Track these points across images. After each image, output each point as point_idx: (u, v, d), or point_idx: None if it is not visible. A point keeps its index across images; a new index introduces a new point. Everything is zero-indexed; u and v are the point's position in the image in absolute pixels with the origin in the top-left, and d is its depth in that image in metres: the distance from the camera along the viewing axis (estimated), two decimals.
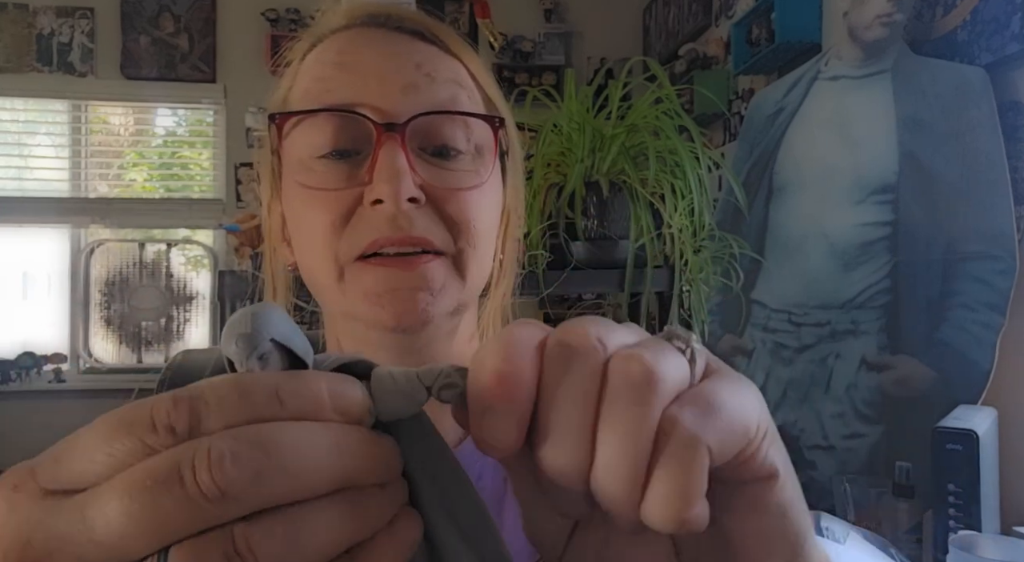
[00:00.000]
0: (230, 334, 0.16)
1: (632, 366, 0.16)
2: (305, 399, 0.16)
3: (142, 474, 0.14)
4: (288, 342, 0.17)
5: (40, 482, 0.16)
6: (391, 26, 0.39)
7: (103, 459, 0.15)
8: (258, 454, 0.14)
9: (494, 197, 0.40)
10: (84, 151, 2.74)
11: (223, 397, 0.15)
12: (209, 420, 0.15)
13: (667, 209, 0.99)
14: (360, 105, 0.36)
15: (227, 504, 0.14)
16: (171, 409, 0.15)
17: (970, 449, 0.87)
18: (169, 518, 0.14)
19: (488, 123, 0.38)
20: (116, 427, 0.15)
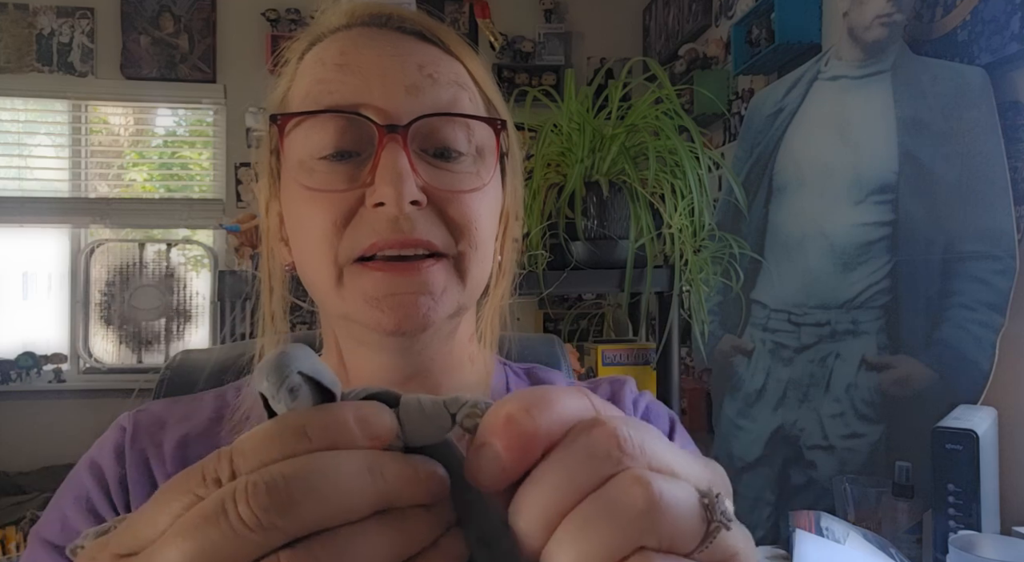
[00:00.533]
0: (261, 370, 0.18)
1: (639, 491, 0.16)
2: (332, 430, 0.17)
3: (192, 516, 0.16)
4: (316, 374, 0.18)
5: (112, 549, 0.17)
6: (392, 26, 0.39)
7: (166, 519, 0.17)
8: (289, 482, 0.16)
9: (495, 199, 0.40)
10: (84, 151, 2.74)
11: (257, 443, 0.17)
12: (246, 465, 0.17)
13: (667, 209, 0.99)
14: (362, 106, 0.36)
15: (267, 532, 0.15)
16: (216, 463, 0.17)
17: (970, 449, 0.87)
18: (218, 551, 0.15)
19: (490, 125, 0.38)
20: (173, 489, 0.17)
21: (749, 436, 1.49)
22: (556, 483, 0.16)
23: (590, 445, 0.17)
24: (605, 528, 0.16)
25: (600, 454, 0.16)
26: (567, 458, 0.17)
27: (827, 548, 0.90)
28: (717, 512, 0.17)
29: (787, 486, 1.34)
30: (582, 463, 0.16)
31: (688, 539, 0.16)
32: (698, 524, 0.17)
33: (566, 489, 0.16)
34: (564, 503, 0.16)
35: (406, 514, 0.17)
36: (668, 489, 0.16)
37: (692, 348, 1.98)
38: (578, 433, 0.17)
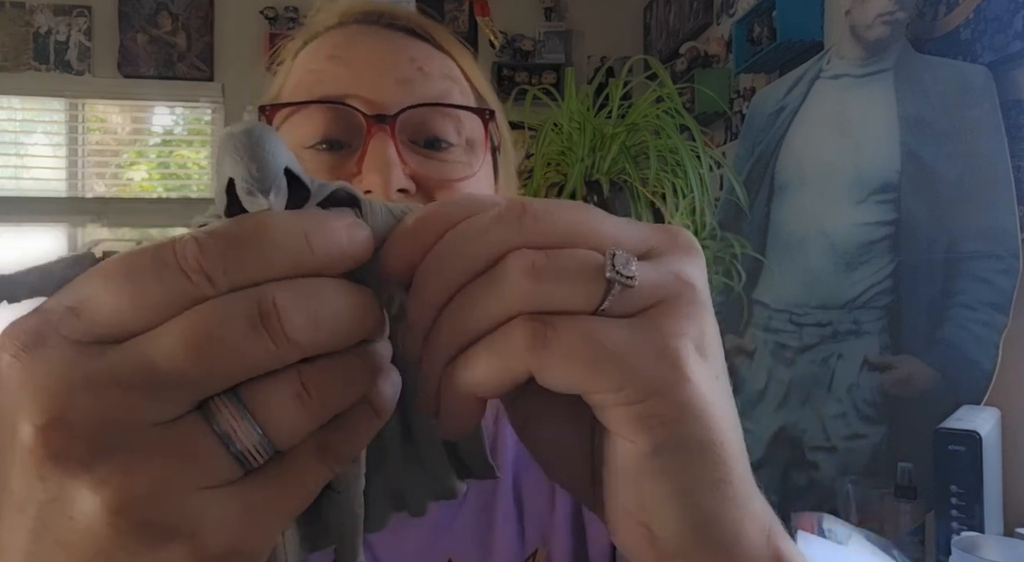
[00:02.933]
0: (242, 156, 0.16)
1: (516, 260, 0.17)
2: (331, 246, 0.16)
3: (209, 320, 0.15)
4: (296, 169, 0.17)
5: (65, 334, 0.15)
6: (384, 23, 0.40)
7: (133, 308, 0.15)
8: (313, 302, 0.16)
9: (486, 191, 0.40)
10: (81, 150, 2.73)
11: (255, 242, 0.16)
12: (243, 266, 0.15)
13: (668, 208, 0.98)
14: (351, 97, 0.36)
15: (291, 348, 0.15)
16: (199, 256, 0.15)
17: (973, 450, 0.86)
18: (240, 362, 0.15)
19: (478, 115, 0.38)
20: (138, 275, 0.15)
21: (751, 437, 1.49)
22: (446, 255, 0.17)
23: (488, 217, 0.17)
24: (479, 297, 0.17)
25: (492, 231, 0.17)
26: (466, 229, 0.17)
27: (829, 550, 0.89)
28: (616, 271, 0.17)
29: (789, 487, 1.34)
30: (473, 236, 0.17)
31: (579, 302, 0.17)
32: (590, 287, 0.17)
33: (455, 260, 0.17)
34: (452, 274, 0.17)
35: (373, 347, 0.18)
36: (550, 258, 0.17)
37: None
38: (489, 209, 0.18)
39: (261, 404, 0.16)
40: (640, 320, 0.17)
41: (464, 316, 0.17)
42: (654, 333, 0.17)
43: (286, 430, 0.16)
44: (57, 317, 0.15)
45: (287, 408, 0.16)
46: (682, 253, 0.19)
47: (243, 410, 0.15)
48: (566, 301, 0.17)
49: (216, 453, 0.15)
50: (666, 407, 0.17)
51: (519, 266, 0.17)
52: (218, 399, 0.15)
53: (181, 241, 0.15)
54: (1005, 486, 0.96)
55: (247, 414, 0.15)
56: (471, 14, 2.70)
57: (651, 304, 0.18)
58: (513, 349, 0.16)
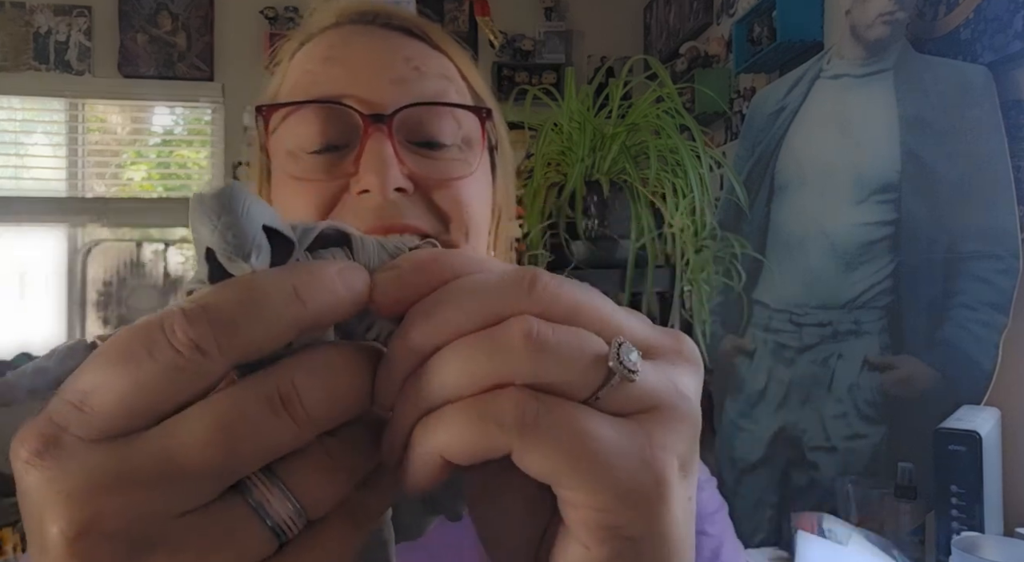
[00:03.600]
0: (217, 225, 0.15)
1: (521, 324, 0.16)
2: (324, 296, 0.16)
3: (232, 412, 0.15)
4: (275, 224, 0.16)
5: (79, 434, 0.15)
6: (380, 23, 0.40)
7: (134, 394, 0.14)
8: (328, 379, 0.16)
9: (484, 189, 0.40)
10: (81, 150, 2.72)
11: (245, 309, 0.15)
12: (236, 334, 0.15)
13: (668, 208, 0.98)
14: (347, 97, 0.36)
15: (313, 427, 0.16)
16: (188, 328, 0.15)
17: (973, 450, 0.86)
18: (267, 445, 0.15)
19: (475, 114, 0.38)
20: (131, 358, 0.15)
21: (751, 437, 1.49)
22: (446, 302, 0.16)
23: (497, 276, 0.17)
24: (474, 354, 0.16)
25: (498, 290, 0.16)
26: (473, 282, 0.17)
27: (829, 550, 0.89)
28: (619, 362, 0.16)
29: (789, 487, 1.34)
30: (479, 290, 0.16)
31: (575, 386, 0.16)
32: (591, 373, 0.16)
33: (455, 309, 0.16)
34: (448, 323, 0.16)
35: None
36: (556, 331, 0.16)
37: None
38: (496, 270, 0.17)
39: (292, 479, 0.16)
40: (631, 423, 0.16)
41: (452, 370, 0.16)
42: (643, 441, 0.16)
43: (318, 500, 0.16)
44: (63, 416, 0.15)
45: (318, 482, 0.16)
46: (684, 362, 0.18)
47: (275, 481, 0.16)
48: (562, 380, 0.16)
49: (252, 529, 0.15)
50: (636, 523, 0.16)
51: (522, 330, 0.15)
52: (252, 478, 0.16)
53: (168, 315, 0.15)
54: (1005, 486, 0.96)
55: (280, 485, 0.16)
56: (471, 14, 2.70)
57: (644, 408, 0.17)
58: (498, 421, 0.15)
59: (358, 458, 0.17)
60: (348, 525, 0.17)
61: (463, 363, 0.16)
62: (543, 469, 0.16)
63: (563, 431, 0.15)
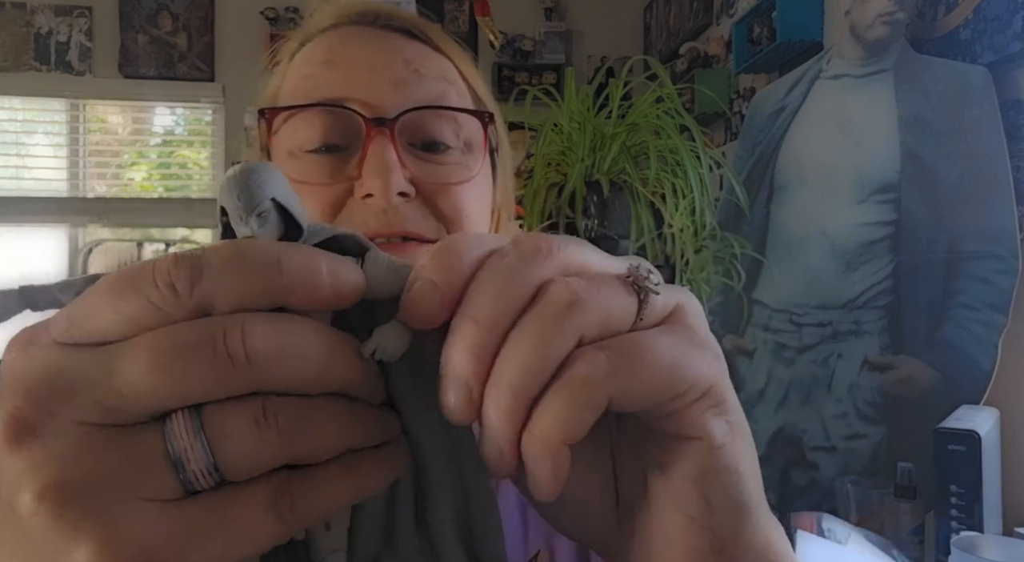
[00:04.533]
0: (231, 186, 0.16)
1: (559, 289, 0.17)
2: (304, 273, 0.16)
3: (174, 336, 0.15)
4: (287, 204, 0.17)
5: (55, 336, 0.16)
6: (380, 24, 0.40)
7: (113, 316, 0.16)
8: (282, 334, 0.16)
9: (485, 192, 0.40)
10: (82, 150, 2.73)
11: (225, 259, 0.16)
12: (210, 280, 0.15)
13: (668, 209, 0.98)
14: (349, 100, 0.36)
15: (252, 374, 0.15)
16: (172, 268, 0.15)
17: (972, 450, 0.86)
18: (197, 379, 0.15)
19: (478, 118, 0.38)
20: (120, 286, 0.16)
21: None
22: (485, 298, 0.17)
23: (513, 256, 0.17)
24: (537, 337, 0.16)
25: (521, 262, 0.17)
26: (495, 272, 0.17)
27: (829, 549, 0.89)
28: (642, 281, 0.18)
29: (789, 487, 1.34)
30: (506, 275, 0.17)
31: (623, 318, 0.17)
32: (628, 300, 0.18)
33: (495, 306, 0.16)
34: (496, 318, 0.16)
35: (360, 405, 0.17)
36: (587, 284, 0.17)
37: None
38: (502, 246, 0.18)
39: (217, 424, 0.15)
40: (670, 327, 0.18)
41: (528, 361, 0.16)
42: (689, 333, 0.18)
43: (236, 455, 0.15)
44: (54, 323, 0.16)
45: (241, 432, 0.15)
46: None
47: (199, 429, 0.15)
48: (614, 319, 0.17)
49: (159, 465, 0.15)
50: (722, 395, 0.19)
51: (563, 296, 0.16)
52: (178, 413, 0.15)
53: (163, 257, 0.16)
54: (1004, 486, 0.96)
55: (202, 435, 0.15)
56: (471, 14, 2.70)
57: (669, 311, 0.19)
58: (594, 380, 0.16)
59: (294, 427, 0.16)
60: (266, 504, 0.16)
61: (536, 350, 0.16)
62: (649, 396, 0.17)
63: (644, 358, 0.17)
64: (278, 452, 0.16)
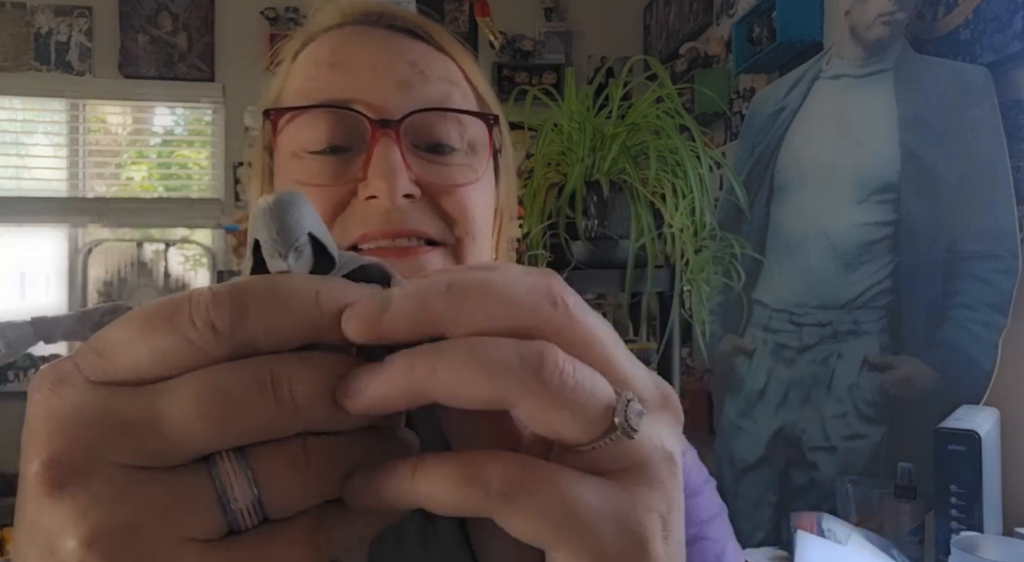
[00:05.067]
0: (268, 220, 0.16)
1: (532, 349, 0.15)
2: (340, 309, 0.16)
3: (223, 380, 0.15)
4: (321, 237, 0.17)
5: (86, 374, 0.16)
6: (383, 24, 0.40)
7: (147, 354, 0.15)
8: (325, 377, 0.16)
9: (488, 193, 0.40)
10: (82, 150, 2.73)
11: (264, 298, 0.16)
12: (250, 322, 0.15)
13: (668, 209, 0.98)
14: (354, 101, 0.36)
15: (297, 416, 0.16)
16: (211, 305, 0.15)
17: (972, 450, 0.86)
18: (247, 423, 0.15)
19: (483, 121, 0.38)
20: (153, 321, 0.15)
21: (750, 437, 1.49)
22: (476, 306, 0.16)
23: (525, 290, 0.16)
24: (476, 370, 0.15)
25: (525, 301, 0.16)
26: (498, 290, 0.16)
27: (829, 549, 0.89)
28: (623, 415, 0.16)
29: (789, 487, 1.34)
30: (507, 301, 0.16)
31: (577, 431, 0.16)
32: (596, 420, 0.16)
33: (481, 314, 0.16)
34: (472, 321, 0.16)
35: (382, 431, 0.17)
36: (576, 371, 0.16)
37: (693, 348, 1.98)
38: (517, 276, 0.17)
39: (261, 464, 0.16)
40: (615, 486, 0.16)
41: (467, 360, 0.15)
42: (627, 504, 0.16)
43: (281, 495, 0.16)
44: (83, 358, 0.16)
45: (285, 472, 0.16)
46: (671, 418, 0.19)
47: (244, 468, 0.16)
48: (568, 425, 0.16)
49: (207, 505, 0.15)
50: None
51: (550, 361, 0.15)
52: (225, 454, 0.16)
53: (199, 293, 0.16)
54: (1004, 486, 0.96)
55: (247, 472, 0.16)
56: (471, 14, 2.70)
57: (631, 465, 0.17)
58: (484, 487, 0.15)
59: (334, 464, 0.16)
60: (306, 538, 0.16)
61: (480, 363, 0.15)
62: (526, 534, 0.16)
63: (547, 499, 0.15)
64: (318, 490, 0.16)
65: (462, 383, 0.15)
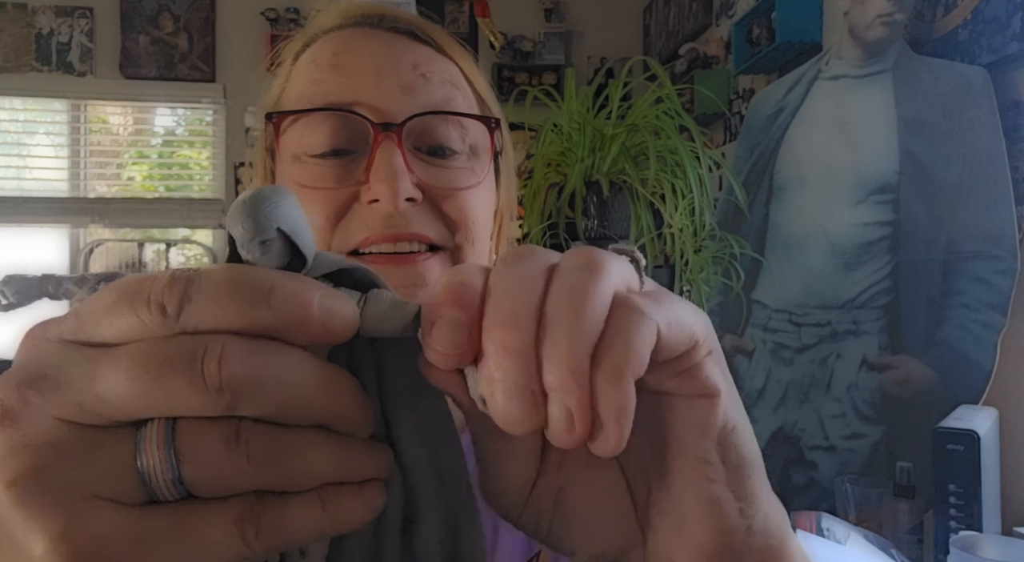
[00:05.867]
0: (238, 213, 0.17)
1: (578, 254, 0.17)
2: (294, 306, 0.16)
3: (156, 351, 0.16)
4: (294, 235, 0.17)
5: (62, 332, 0.17)
6: (385, 26, 0.39)
7: (109, 325, 0.16)
8: (262, 361, 0.16)
9: (489, 197, 0.40)
10: (83, 151, 2.73)
11: (216, 286, 0.16)
12: (198, 307, 0.16)
13: (667, 209, 0.99)
14: (356, 105, 0.36)
15: (226, 397, 0.15)
16: (166, 288, 0.16)
17: (971, 449, 0.86)
18: (171, 396, 0.15)
19: (484, 124, 0.38)
20: (119, 298, 0.16)
21: None
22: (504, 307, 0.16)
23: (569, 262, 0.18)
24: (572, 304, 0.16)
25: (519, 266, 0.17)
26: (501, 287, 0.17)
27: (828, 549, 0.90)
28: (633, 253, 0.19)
29: (788, 487, 1.34)
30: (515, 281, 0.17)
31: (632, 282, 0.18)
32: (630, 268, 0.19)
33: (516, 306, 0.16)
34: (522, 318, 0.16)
35: (347, 438, 0.17)
36: (594, 252, 0.18)
37: None
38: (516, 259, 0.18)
39: (187, 440, 0.15)
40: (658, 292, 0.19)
41: (577, 328, 0.16)
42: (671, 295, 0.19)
43: (202, 474, 0.16)
44: (65, 319, 0.17)
45: (210, 452, 0.15)
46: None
47: (170, 442, 0.15)
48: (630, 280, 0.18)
49: (123, 470, 0.16)
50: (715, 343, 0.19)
51: (580, 260, 0.17)
52: (152, 423, 0.16)
53: (162, 275, 0.16)
54: (1003, 485, 0.96)
55: (172, 448, 0.15)
56: (471, 15, 2.70)
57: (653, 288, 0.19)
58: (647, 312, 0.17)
59: (266, 451, 0.16)
60: (230, 522, 0.16)
61: (577, 319, 0.16)
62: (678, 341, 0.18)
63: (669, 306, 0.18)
64: (246, 477, 0.16)
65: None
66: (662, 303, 0.17)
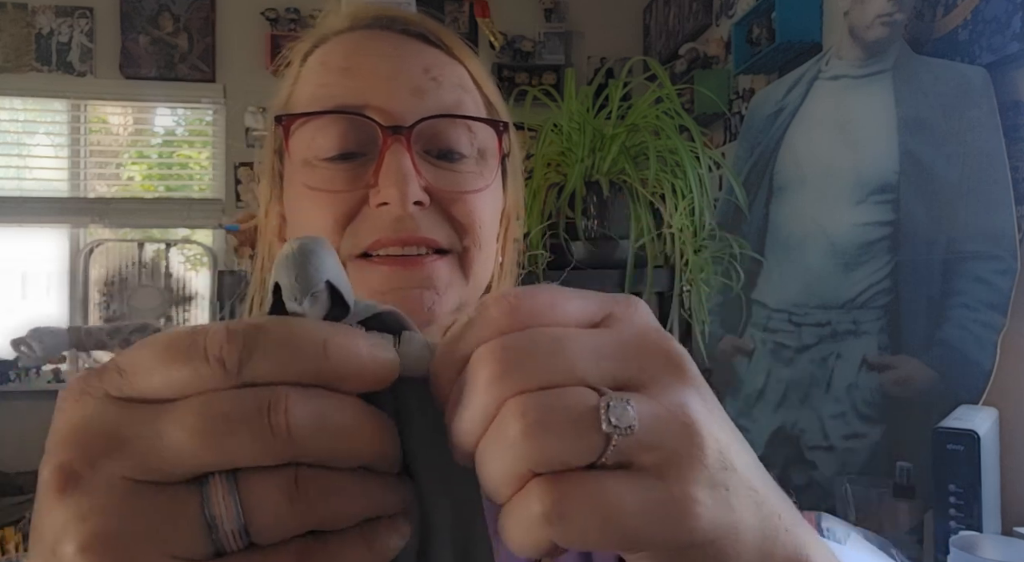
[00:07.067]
0: (289, 266, 0.17)
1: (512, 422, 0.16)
2: (351, 357, 0.17)
3: (221, 405, 0.16)
4: (338, 284, 0.18)
5: (107, 388, 0.17)
6: (396, 29, 0.39)
7: (162, 380, 0.16)
8: (322, 409, 0.16)
9: (497, 200, 0.40)
10: (83, 151, 2.73)
11: (276, 341, 0.16)
12: (258, 362, 0.16)
13: (667, 209, 0.99)
14: (367, 108, 0.36)
15: (291, 445, 0.16)
16: (224, 343, 0.16)
17: (971, 449, 0.86)
18: (239, 448, 0.16)
19: (493, 128, 0.38)
20: (171, 352, 0.16)
21: (749, 437, 1.48)
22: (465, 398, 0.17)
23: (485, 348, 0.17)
24: (495, 459, 0.17)
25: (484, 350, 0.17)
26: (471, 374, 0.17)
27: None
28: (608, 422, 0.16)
29: (788, 487, 1.34)
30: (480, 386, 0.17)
31: (580, 453, 0.16)
32: (592, 435, 0.16)
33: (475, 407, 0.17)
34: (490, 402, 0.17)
35: (384, 476, 0.18)
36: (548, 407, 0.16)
37: (692, 348, 1.98)
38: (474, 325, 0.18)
39: (251, 489, 0.16)
40: (645, 476, 0.17)
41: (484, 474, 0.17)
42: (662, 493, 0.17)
43: (267, 521, 0.16)
44: (107, 373, 0.17)
45: (273, 499, 0.16)
46: (676, 380, 0.18)
47: (234, 492, 0.16)
48: (567, 458, 0.16)
49: (194, 525, 0.16)
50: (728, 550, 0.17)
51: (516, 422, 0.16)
52: (216, 476, 0.16)
53: (216, 328, 0.16)
54: (1003, 485, 0.96)
55: (236, 498, 0.16)
56: (471, 15, 2.70)
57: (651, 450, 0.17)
58: (532, 519, 0.16)
59: (323, 497, 0.16)
60: None
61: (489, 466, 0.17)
62: (588, 547, 0.17)
63: (586, 510, 0.16)
64: (305, 520, 0.16)
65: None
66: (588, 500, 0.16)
